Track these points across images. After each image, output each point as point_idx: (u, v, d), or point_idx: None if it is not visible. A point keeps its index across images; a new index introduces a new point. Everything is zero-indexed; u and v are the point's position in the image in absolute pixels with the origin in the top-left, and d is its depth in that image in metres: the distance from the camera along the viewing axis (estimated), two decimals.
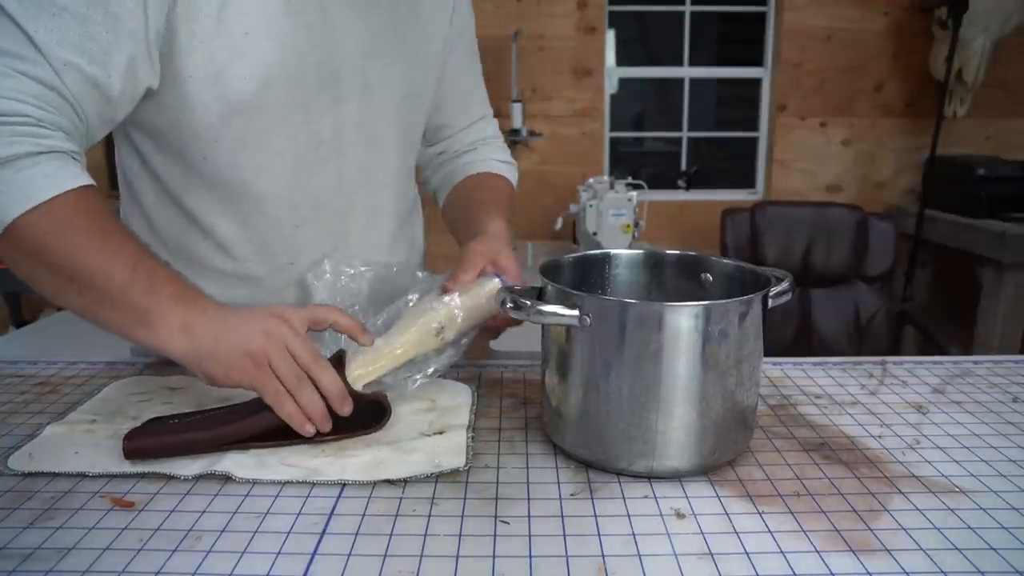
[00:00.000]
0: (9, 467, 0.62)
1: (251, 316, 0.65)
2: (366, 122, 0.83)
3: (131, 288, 0.62)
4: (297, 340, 0.64)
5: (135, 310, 0.62)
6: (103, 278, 0.62)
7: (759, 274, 0.66)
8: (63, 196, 0.62)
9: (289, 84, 0.76)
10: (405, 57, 0.85)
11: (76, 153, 0.66)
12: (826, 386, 0.82)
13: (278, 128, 0.77)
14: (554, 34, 2.99)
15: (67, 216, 0.62)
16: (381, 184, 0.88)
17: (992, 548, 0.51)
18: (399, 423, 0.70)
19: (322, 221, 0.84)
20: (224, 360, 0.63)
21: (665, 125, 3.30)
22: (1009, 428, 0.71)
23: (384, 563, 0.49)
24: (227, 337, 0.63)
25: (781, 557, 0.50)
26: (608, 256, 0.75)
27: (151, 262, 0.65)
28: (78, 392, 0.80)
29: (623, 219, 2.47)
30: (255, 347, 0.63)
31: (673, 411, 0.58)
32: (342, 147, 0.83)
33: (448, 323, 0.71)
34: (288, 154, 0.79)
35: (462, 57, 0.96)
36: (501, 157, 1.02)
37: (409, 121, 0.90)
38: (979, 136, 3.08)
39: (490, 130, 1.04)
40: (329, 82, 0.79)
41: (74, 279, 0.62)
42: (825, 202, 2.43)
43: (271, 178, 0.80)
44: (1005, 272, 2.44)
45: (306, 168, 0.81)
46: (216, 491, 0.59)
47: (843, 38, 3.01)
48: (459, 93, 0.98)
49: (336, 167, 0.83)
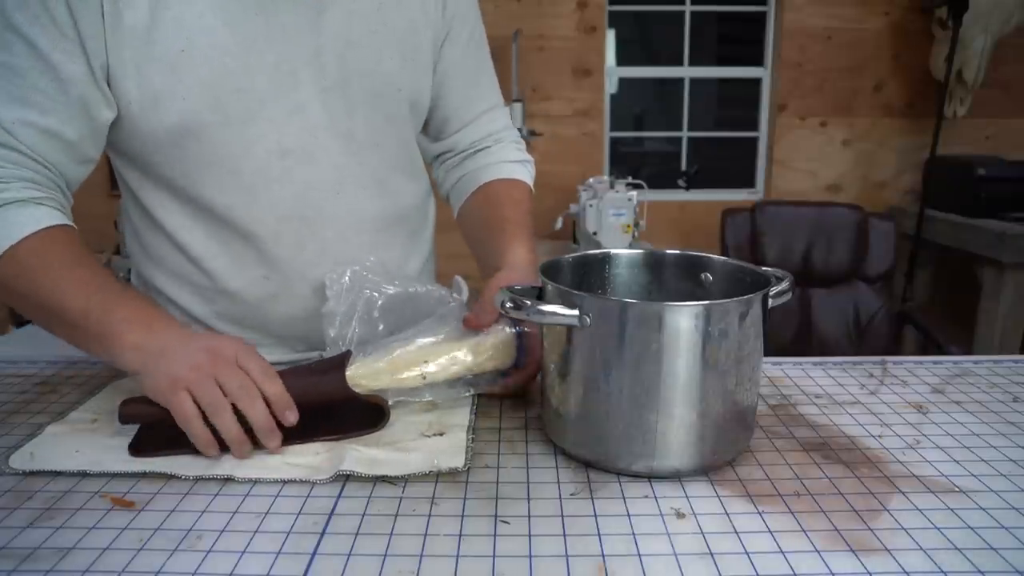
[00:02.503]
0: (10, 466, 0.62)
1: (188, 348, 0.65)
2: (336, 124, 0.80)
3: (87, 316, 0.66)
4: (223, 369, 0.64)
5: (93, 335, 0.67)
6: (63, 310, 0.67)
7: (759, 274, 0.66)
8: (24, 242, 0.67)
9: (238, 96, 0.74)
10: (382, 48, 0.80)
11: (41, 198, 0.70)
12: (826, 386, 0.82)
13: (232, 144, 0.75)
14: (554, 34, 2.99)
15: (29, 260, 0.67)
16: (359, 188, 0.84)
17: (992, 548, 0.51)
18: (398, 423, 0.70)
19: (292, 232, 0.81)
20: (155, 381, 0.64)
21: (665, 125, 3.30)
22: (1009, 428, 0.71)
23: (384, 563, 0.49)
24: (162, 362, 0.64)
25: (781, 557, 0.50)
26: (608, 256, 0.75)
27: (108, 289, 0.68)
28: (78, 392, 0.80)
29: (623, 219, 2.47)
30: (179, 375, 0.63)
31: (673, 411, 0.58)
32: (311, 153, 0.79)
33: (439, 369, 0.69)
34: (247, 169, 0.77)
35: (462, 45, 0.90)
36: (514, 157, 0.97)
37: (394, 116, 0.85)
38: (979, 136, 3.08)
39: (500, 122, 0.98)
40: (286, 88, 0.76)
41: (42, 310, 0.68)
42: (825, 202, 2.43)
43: (233, 194, 0.78)
44: (1005, 272, 2.44)
45: (269, 180, 0.78)
46: (216, 491, 0.59)
47: (843, 38, 3.01)
48: (461, 84, 0.92)
49: (304, 176, 0.80)
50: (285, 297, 0.84)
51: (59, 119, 0.69)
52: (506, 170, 0.95)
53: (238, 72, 0.73)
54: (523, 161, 0.98)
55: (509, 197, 0.93)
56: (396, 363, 0.69)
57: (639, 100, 3.32)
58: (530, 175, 0.98)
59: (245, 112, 0.75)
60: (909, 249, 2.71)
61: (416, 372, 0.69)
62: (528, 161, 0.99)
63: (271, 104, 0.76)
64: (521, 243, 0.84)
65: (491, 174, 0.95)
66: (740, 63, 3.19)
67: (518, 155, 0.98)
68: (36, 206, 0.69)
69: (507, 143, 0.98)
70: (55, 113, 0.69)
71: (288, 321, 0.86)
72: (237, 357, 0.65)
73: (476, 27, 0.92)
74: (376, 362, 0.69)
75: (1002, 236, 2.41)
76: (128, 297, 0.69)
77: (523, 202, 0.93)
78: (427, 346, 0.70)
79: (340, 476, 0.61)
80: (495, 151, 0.96)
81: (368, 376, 0.68)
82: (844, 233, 2.24)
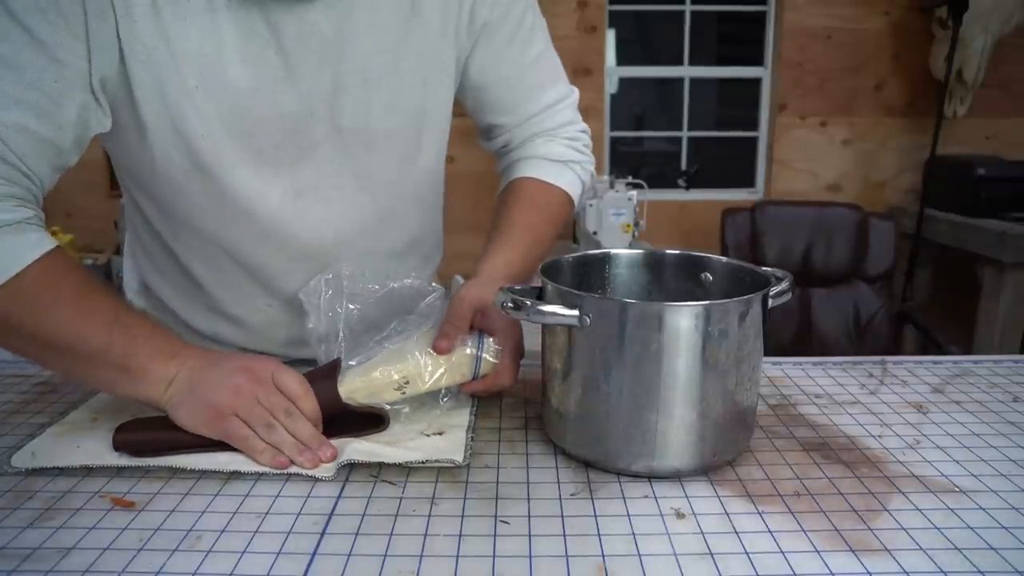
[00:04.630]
0: (12, 465, 0.62)
1: (222, 372, 0.64)
2: (352, 163, 0.77)
3: (109, 351, 0.62)
4: (263, 391, 0.64)
5: (116, 370, 0.63)
6: (80, 345, 0.62)
7: (759, 274, 0.66)
8: (25, 271, 0.60)
9: (251, 138, 0.71)
10: (402, 82, 0.76)
11: (32, 219, 0.63)
12: (826, 386, 0.81)
13: (245, 184, 0.73)
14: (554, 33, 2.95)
15: (33, 291, 0.61)
16: (375, 223, 0.81)
17: (992, 548, 0.51)
18: (398, 424, 0.70)
19: (303, 270, 0.79)
20: (195, 412, 0.63)
21: (665, 125, 3.30)
22: (1009, 428, 0.71)
23: (384, 563, 0.49)
24: (199, 391, 0.63)
25: (781, 557, 0.50)
26: (608, 256, 0.75)
27: (127, 320, 0.64)
28: (78, 392, 0.79)
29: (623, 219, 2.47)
30: (223, 403, 0.63)
31: (673, 411, 0.58)
32: (325, 193, 0.77)
33: (413, 380, 0.69)
34: (258, 210, 0.75)
35: (499, 48, 0.82)
36: (558, 155, 0.88)
37: (416, 151, 0.81)
38: (979, 136, 3.08)
39: (558, 118, 0.89)
40: (301, 128, 0.73)
41: (52, 348, 0.63)
42: (825, 202, 2.43)
43: (242, 233, 0.76)
44: (1005, 272, 2.44)
45: (281, 222, 0.76)
46: (216, 491, 0.59)
47: (843, 38, 3.01)
48: (503, 91, 0.85)
49: (318, 216, 0.77)
50: (287, 323, 0.84)
51: (56, 126, 0.64)
52: (542, 169, 0.87)
53: (252, 113, 0.70)
54: (567, 161, 0.89)
55: (527, 198, 0.86)
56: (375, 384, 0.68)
57: (639, 100, 3.32)
58: (575, 175, 0.89)
59: (258, 153, 0.72)
60: (909, 249, 2.71)
61: (396, 394, 0.69)
62: (576, 161, 0.89)
63: (285, 145, 0.73)
64: (503, 252, 0.80)
65: (524, 170, 0.88)
66: (740, 63, 3.19)
67: (565, 152, 0.89)
68: (30, 229, 0.63)
69: (557, 139, 0.89)
70: (53, 118, 0.63)
71: (288, 344, 0.86)
72: (273, 377, 0.65)
73: (520, 28, 0.83)
74: (359, 378, 0.68)
75: (1002, 236, 2.41)
76: (148, 328, 0.66)
77: (542, 206, 0.87)
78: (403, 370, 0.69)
79: (340, 476, 0.61)
80: (540, 144, 0.89)
81: (355, 392, 0.68)
82: (844, 233, 2.24)
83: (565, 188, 0.88)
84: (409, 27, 0.75)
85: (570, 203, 0.89)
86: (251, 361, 0.66)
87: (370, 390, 0.68)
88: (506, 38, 0.82)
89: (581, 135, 0.92)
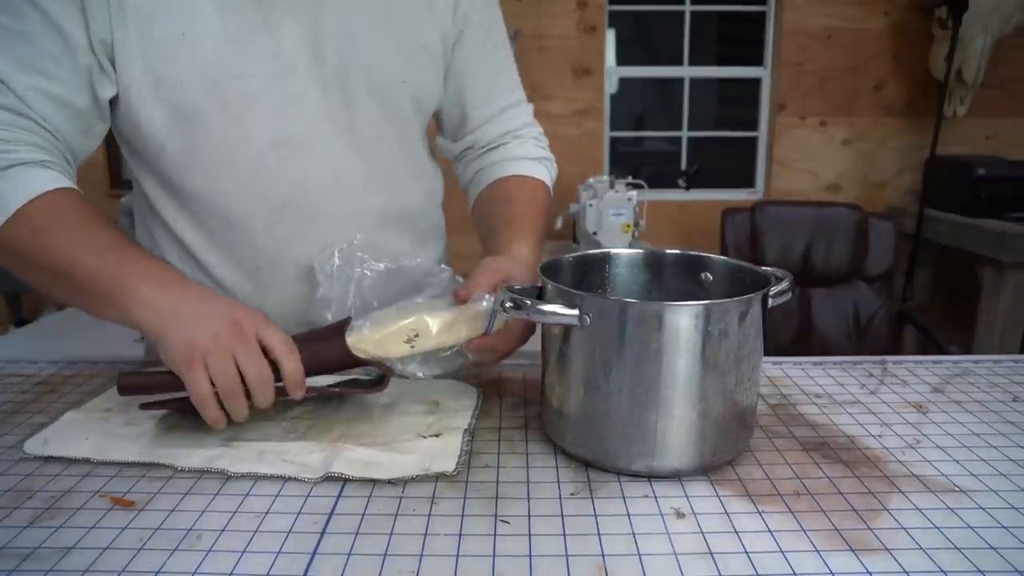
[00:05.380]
0: (25, 451, 0.65)
1: (211, 311, 0.63)
2: (335, 116, 0.79)
3: (99, 273, 0.65)
4: (244, 349, 0.62)
5: (105, 293, 0.65)
6: (75, 268, 0.65)
7: (759, 274, 0.66)
8: (35, 201, 0.66)
9: (235, 84, 0.74)
10: (383, 42, 0.79)
11: (49, 162, 0.69)
12: (826, 386, 0.82)
13: (228, 132, 0.75)
14: (554, 33, 2.99)
15: (40, 219, 0.66)
16: (359, 181, 0.83)
17: (992, 548, 0.51)
18: (398, 423, 0.70)
19: (286, 223, 0.80)
20: (173, 346, 0.62)
21: (665, 125, 3.30)
22: (1009, 428, 0.71)
23: (384, 563, 0.49)
24: (181, 321, 0.62)
25: (781, 557, 0.50)
26: (608, 256, 0.75)
27: (120, 248, 0.67)
28: (78, 392, 0.80)
29: (623, 219, 2.47)
30: (198, 343, 0.61)
31: (673, 411, 0.58)
32: (310, 145, 0.79)
33: (423, 332, 0.68)
34: (240, 159, 0.77)
35: (477, 47, 0.88)
36: (533, 154, 0.94)
37: (397, 112, 0.84)
38: (979, 136, 3.08)
39: (520, 119, 0.96)
40: (283, 77, 0.75)
41: (53, 273, 0.66)
42: (825, 202, 2.43)
43: (226, 184, 0.78)
44: (1005, 272, 2.44)
45: (263, 171, 0.78)
46: (216, 491, 0.59)
47: (843, 38, 3.01)
48: (477, 84, 0.90)
49: (301, 168, 0.79)
50: (276, 291, 0.84)
51: (69, 88, 0.70)
52: (524, 167, 0.93)
53: (235, 60, 0.73)
54: (542, 159, 0.95)
55: (522, 193, 0.91)
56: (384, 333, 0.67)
57: (639, 100, 3.32)
58: (549, 173, 0.96)
59: (241, 100, 0.75)
60: (909, 249, 2.71)
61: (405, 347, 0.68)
62: (548, 159, 0.97)
63: (268, 93, 0.75)
64: (525, 241, 0.82)
65: (507, 169, 0.93)
66: (740, 63, 3.19)
67: (537, 152, 0.95)
68: (44, 168, 0.69)
69: (527, 139, 0.96)
70: (65, 82, 0.69)
71: (278, 315, 0.86)
72: (258, 330, 0.63)
73: (493, 28, 0.90)
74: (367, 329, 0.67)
75: (1002, 236, 2.41)
76: (142, 255, 0.67)
77: (537, 199, 0.91)
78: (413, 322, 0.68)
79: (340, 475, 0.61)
80: (513, 147, 0.94)
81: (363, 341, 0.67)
82: (844, 233, 2.24)
83: (541, 178, 0.94)
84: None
85: (547, 192, 0.95)
86: (240, 311, 0.65)
87: (378, 339, 0.67)
88: (484, 36, 0.89)
89: (542, 136, 0.99)
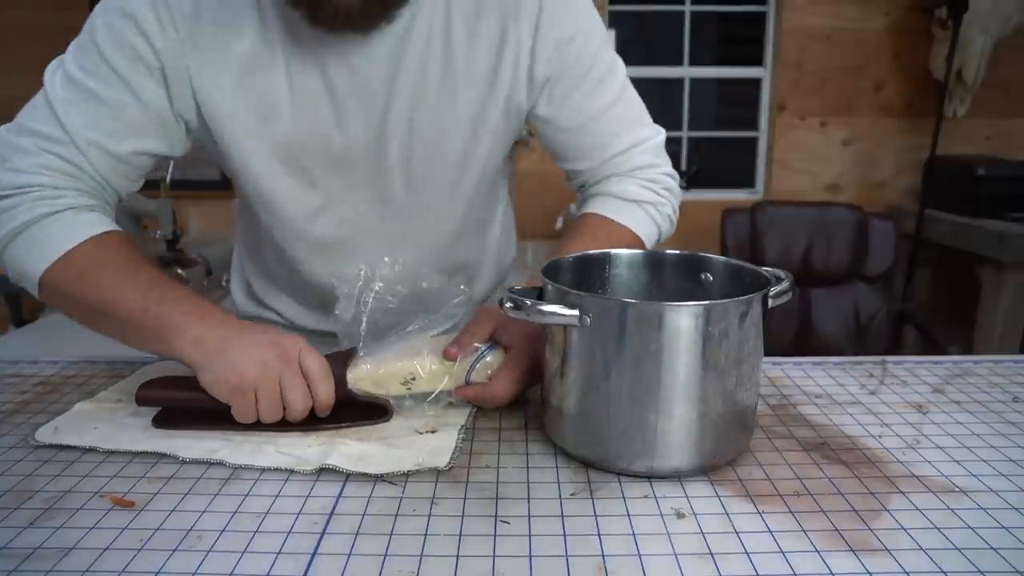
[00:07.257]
0: (36, 439, 0.66)
1: (256, 342, 0.67)
2: (395, 200, 0.84)
3: (145, 312, 0.69)
4: (288, 371, 0.66)
5: (151, 330, 0.69)
6: (120, 308, 0.70)
7: (759, 274, 0.66)
8: (80, 246, 0.72)
9: (302, 173, 0.81)
10: (447, 128, 0.80)
11: (93, 205, 0.76)
12: (826, 386, 0.81)
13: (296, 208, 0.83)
14: None
15: (84, 262, 0.72)
16: (418, 252, 0.87)
17: (992, 548, 0.51)
18: (395, 419, 0.71)
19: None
20: (221, 377, 0.66)
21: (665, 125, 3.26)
22: (1009, 428, 0.71)
23: (384, 563, 0.49)
24: (228, 355, 0.66)
25: (781, 557, 0.50)
26: (608, 256, 0.75)
27: (163, 285, 0.71)
28: (78, 392, 0.80)
29: None
30: (248, 375, 0.65)
31: (673, 411, 0.58)
32: (366, 229, 0.86)
33: (419, 378, 0.71)
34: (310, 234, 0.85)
35: (566, 96, 0.83)
36: (631, 195, 0.87)
37: (462, 192, 0.86)
38: (979, 136, 3.08)
39: (628, 164, 0.88)
40: (343, 168, 0.81)
41: (101, 312, 0.71)
42: (825, 202, 2.43)
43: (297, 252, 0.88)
44: (1005, 272, 2.44)
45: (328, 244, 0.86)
46: (216, 491, 0.59)
47: (843, 38, 3.01)
48: (570, 139, 0.86)
49: (360, 243, 0.86)
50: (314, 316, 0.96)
51: (130, 149, 0.76)
52: (610, 207, 0.87)
53: (305, 150, 0.79)
54: (640, 201, 0.88)
55: (588, 233, 0.85)
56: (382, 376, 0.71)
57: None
58: (645, 217, 0.88)
59: (307, 184, 0.82)
60: (909, 249, 2.71)
61: (402, 388, 0.71)
62: (650, 203, 0.88)
63: (330, 177, 0.82)
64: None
65: (592, 206, 0.88)
66: (740, 63, 3.19)
67: (638, 193, 0.88)
68: (89, 212, 0.75)
69: (633, 179, 0.88)
70: (123, 142, 0.75)
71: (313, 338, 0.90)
72: (300, 356, 0.67)
73: (587, 79, 0.83)
74: (368, 369, 0.71)
75: (1002, 236, 2.41)
76: (184, 293, 0.72)
77: (601, 240, 0.83)
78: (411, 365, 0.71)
79: (340, 475, 0.61)
80: (614, 184, 0.88)
81: (361, 381, 0.70)
82: (844, 233, 2.24)
83: (630, 226, 0.87)
84: (456, 83, 0.79)
85: (637, 242, 0.87)
86: (280, 337, 0.69)
87: (376, 379, 0.70)
88: (570, 89, 0.83)
89: (663, 178, 0.90)
